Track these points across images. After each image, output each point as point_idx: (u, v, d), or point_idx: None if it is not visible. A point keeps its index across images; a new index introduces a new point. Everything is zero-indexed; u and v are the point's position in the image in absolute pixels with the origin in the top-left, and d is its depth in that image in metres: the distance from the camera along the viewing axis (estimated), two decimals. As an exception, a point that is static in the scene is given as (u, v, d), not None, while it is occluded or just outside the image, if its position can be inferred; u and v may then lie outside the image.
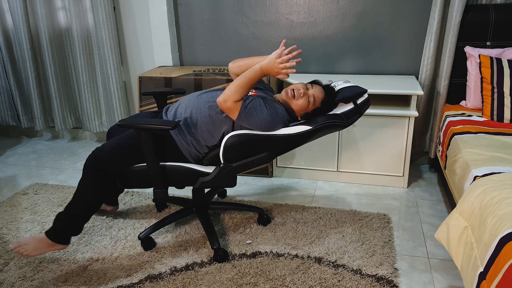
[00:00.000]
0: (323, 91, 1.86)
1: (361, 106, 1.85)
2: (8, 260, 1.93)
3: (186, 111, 1.80)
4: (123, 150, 1.77)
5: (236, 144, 1.73)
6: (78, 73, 3.19)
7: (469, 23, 2.40)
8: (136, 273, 1.82)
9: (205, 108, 1.78)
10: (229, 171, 1.76)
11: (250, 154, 1.77)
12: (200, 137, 1.79)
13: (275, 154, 1.80)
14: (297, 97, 1.81)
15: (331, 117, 1.80)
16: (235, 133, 1.73)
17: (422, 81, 2.61)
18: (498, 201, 1.35)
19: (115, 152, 1.77)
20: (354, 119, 1.84)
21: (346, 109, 1.84)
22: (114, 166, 1.77)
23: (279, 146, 1.78)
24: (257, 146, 1.75)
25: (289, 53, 1.69)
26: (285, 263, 1.86)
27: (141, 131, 1.67)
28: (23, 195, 2.57)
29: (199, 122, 1.77)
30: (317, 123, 1.77)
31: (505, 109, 2.19)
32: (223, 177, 1.76)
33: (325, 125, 1.78)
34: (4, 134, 3.76)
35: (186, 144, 1.79)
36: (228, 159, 1.76)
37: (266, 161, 1.79)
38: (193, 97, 1.85)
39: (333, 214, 2.25)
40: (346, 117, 1.82)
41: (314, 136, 1.80)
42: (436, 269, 1.82)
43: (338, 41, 2.78)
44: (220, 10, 2.90)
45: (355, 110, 1.84)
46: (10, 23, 3.25)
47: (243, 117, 1.69)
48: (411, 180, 2.67)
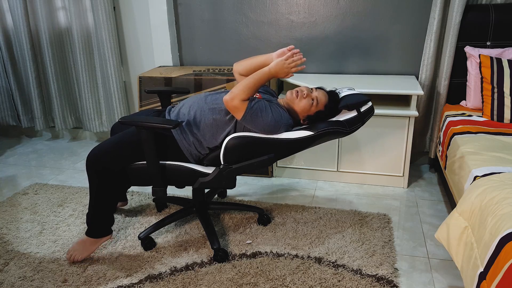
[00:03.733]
0: (326, 95, 1.87)
1: (364, 114, 1.84)
2: (8, 260, 1.94)
3: (190, 112, 1.81)
4: (124, 147, 1.78)
5: (237, 146, 1.73)
6: (78, 73, 3.19)
7: (469, 23, 2.40)
8: (136, 273, 1.82)
9: (209, 110, 1.79)
10: (228, 172, 1.75)
11: (250, 157, 1.77)
12: (202, 139, 1.79)
13: (275, 157, 1.80)
14: (300, 98, 1.82)
15: (334, 123, 1.80)
16: (237, 135, 1.73)
17: (422, 81, 2.61)
18: (498, 201, 1.35)
19: (114, 149, 1.77)
20: (356, 127, 1.84)
21: (349, 117, 1.83)
22: (114, 163, 1.77)
23: (280, 150, 1.78)
24: (258, 148, 1.75)
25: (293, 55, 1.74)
26: (285, 263, 1.86)
27: (143, 129, 1.67)
28: (23, 195, 2.57)
29: (202, 124, 1.78)
30: (319, 129, 1.77)
31: (505, 109, 2.19)
32: (222, 178, 1.76)
33: (327, 132, 1.77)
34: (4, 134, 3.76)
35: (187, 145, 1.80)
36: (228, 160, 1.75)
37: (266, 165, 1.78)
38: (197, 98, 1.86)
39: (333, 214, 2.25)
40: (348, 125, 1.82)
41: (316, 142, 1.80)
42: (436, 269, 1.82)
43: (338, 41, 2.78)
44: (220, 10, 2.90)
45: (358, 118, 1.83)
46: (10, 23, 3.25)
47: (248, 118, 1.70)
48: (411, 180, 2.67)
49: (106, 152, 1.76)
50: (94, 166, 1.76)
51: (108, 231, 1.92)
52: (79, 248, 1.89)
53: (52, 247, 2.03)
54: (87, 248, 1.90)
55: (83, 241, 1.90)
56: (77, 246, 1.90)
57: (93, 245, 1.91)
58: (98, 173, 1.76)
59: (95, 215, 1.86)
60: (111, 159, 1.76)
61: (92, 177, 1.78)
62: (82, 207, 2.41)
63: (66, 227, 2.20)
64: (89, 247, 1.90)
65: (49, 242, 2.07)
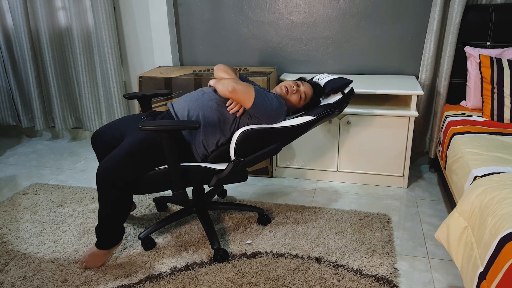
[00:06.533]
0: (311, 87, 2.02)
1: (348, 94, 2.04)
2: (8, 260, 1.94)
3: (194, 112, 1.81)
4: (139, 156, 1.70)
5: (247, 139, 1.80)
6: (78, 73, 3.19)
7: (469, 23, 2.40)
8: (136, 273, 1.82)
9: (213, 105, 1.82)
10: (242, 166, 1.81)
11: (260, 148, 1.86)
12: (212, 136, 1.81)
13: (282, 144, 1.92)
14: (290, 94, 1.96)
15: (327, 107, 1.97)
16: (245, 128, 1.81)
17: (422, 81, 2.61)
18: (498, 201, 1.35)
19: (130, 160, 1.69)
20: (343, 107, 2.03)
21: (336, 99, 2.02)
22: (127, 176, 1.69)
23: (286, 137, 1.91)
24: (266, 139, 1.85)
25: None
26: (285, 263, 1.86)
27: (164, 133, 1.65)
28: (23, 195, 2.57)
29: (210, 121, 1.81)
30: (318, 113, 1.92)
31: (505, 109, 2.19)
32: (236, 172, 1.81)
33: (325, 114, 1.94)
34: (4, 134, 3.76)
35: (197, 145, 1.82)
36: (240, 154, 1.81)
37: (275, 153, 1.90)
38: (192, 98, 1.86)
39: (333, 214, 2.25)
40: (338, 106, 2.00)
41: (314, 125, 1.95)
42: (436, 269, 1.82)
43: (338, 41, 2.78)
44: (220, 10, 2.90)
45: (344, 99, 2.02)
46: (10, 23, 3.25)
47: (258, 103, 1.78)
48: (411, 180, 2.67)
49: (121, 165, 1.67)
50: (111, 181, 1.67)
51: (119, 239, 1.88)
52: (91, 260, 1.85)
53: (52, 247, 2.03)
54: (100, 259, 1.87)
55: (94, 253, 1.85)
56: (90, 258, 1.85)
57: (105, 255, 1.87)
58: (117, 188, 1.68)
59: (106, 228, 1.79)
60: (128, 171, 1.68)
61: (107, 192, 1.69)
62: (82, 207, 2.41)
63: (66, 227, 2.20)
64: (102, 258, 1.87)
65: (49, 242, 2.07)
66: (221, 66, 2.00)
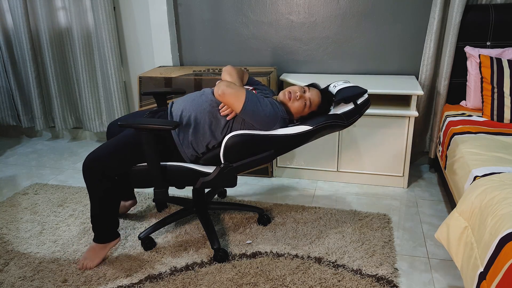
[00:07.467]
0: (320, 95, 1.88)
1: (361, 106, 1.85)
2: (8, 260, 1.94)
3: (187, 113, 1.80)
4: (123, 150, 1.76)
5: (237, 144, 1.73)
6: (78, 73, 3.19)
7: (469, 23, 2.40)
8: (136, 273, 1.82)
9: (207, 108, 1.79)
10: (229, 171, 1.75)
11: (250, 154, 1.77)
12: (202, 138, 1.78)
13: (275, 154, 1.80)
14: (293, 100, 1.83)
15: (331, 117, 1.81)
16: (236, 133, 1.73)
17: (422, 81, 2.61)
18: (498, 201, 1.35)
19: (112, 154, 1.74)
20: (354, 119, 1.85)
21: (347, 109, 1.84)
22: (114, 168, 1.75)
23: (280, 146, 1.78)
24: (257, 146, 1.75)
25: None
26: (285, 263, 1.86)
27: (143, 131, 1.67)
28: (23, 195, 2.57)
29: (201, 123, 1.78)
30: (317, 123, 1.78)
31: (505, 109, 2.19)
32: (223, 177, 1.76)
33: (326, 125, 1.79)
34: (4, 134, 3.76)
35: (185, 145, 1.79)
36: (228, 159, 1.75)
37: (266, 162, 1.79)
38: (190, 98, 1.85)
39: (333, 214, 2.25)
40: (346, 117, 1.83)
41: (315, 136, 1.81)
42: (436, 269, 1.82)
43: (338, 41, 2.78)
44: (220, 10, 2.90)
45: (356, 110, 1.84)
46: (10, 23, 3.25)
47: (248, 108, 1.68)
48: (411, 180, 2.67)
49: (104, 156, 1.73)
50: (93, 171, 1.73)
51: (116, 234, 1.91)
52: (90, 255, 1.87)
53: (52, 247, 2.03)
54: (98, 255, 1.88)
55: (92, 248, 1.88)
56: (88, 254, 1.88)
57: (103, 251, 1.89)
58: (98, 179, 1.73)
59: (99, 221, 1.84)
60: (110, 163, 1.73)
61: (92, 183, 1.75)
62: (82, 207, 2.41)
63: (66, 227, 2.20)
64: (100, 253, 1.88)
65: (49, 242, 2.07)
66: (228, 68, 1.94)
